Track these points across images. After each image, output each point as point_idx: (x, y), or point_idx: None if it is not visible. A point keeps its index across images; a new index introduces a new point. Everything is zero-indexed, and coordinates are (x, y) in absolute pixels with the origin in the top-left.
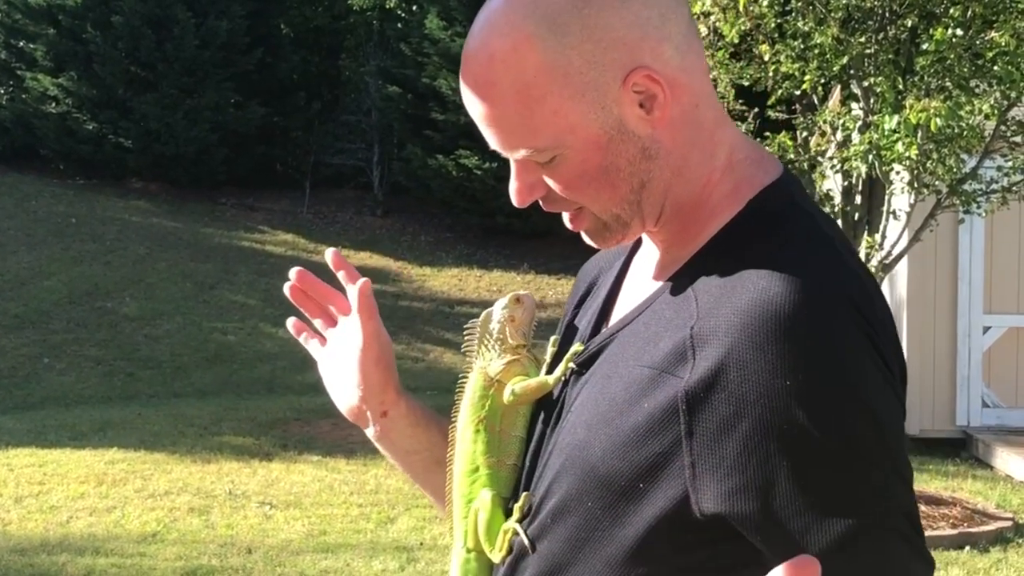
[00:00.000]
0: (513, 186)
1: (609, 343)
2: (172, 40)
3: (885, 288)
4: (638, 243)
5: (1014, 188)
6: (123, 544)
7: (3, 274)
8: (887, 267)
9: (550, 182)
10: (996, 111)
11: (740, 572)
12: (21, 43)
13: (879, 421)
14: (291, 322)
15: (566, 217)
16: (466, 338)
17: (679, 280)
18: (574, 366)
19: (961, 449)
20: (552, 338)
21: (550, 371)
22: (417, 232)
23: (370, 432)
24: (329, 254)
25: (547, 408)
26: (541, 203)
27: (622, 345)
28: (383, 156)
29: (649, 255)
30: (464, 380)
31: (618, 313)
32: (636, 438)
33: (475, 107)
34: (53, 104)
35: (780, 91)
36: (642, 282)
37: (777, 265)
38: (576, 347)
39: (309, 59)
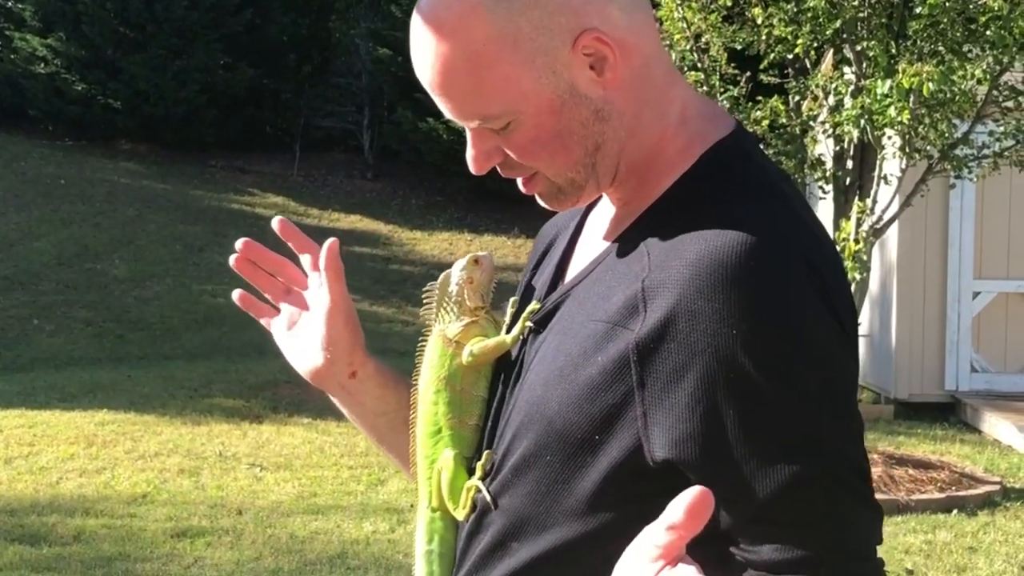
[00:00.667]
0: (470, 154)
1: (564, 300)
2: (161, 1)
3: (875, 253)
4: (594, 202)
5: (1005, 153)
6: (113, 505)
7: None
8: (878, 232)
9: (506, 148)
10: (988, 76)
11: None
12: (9, 3)
13: (826, 371)
14: (236, 295)
15: (520, 182)
16: (425, 300)
17: (632, 235)
18: (531, 324)
19: (950, 413)
20: (511, 299)
21: (508, 331)
22: (408, 195)
23: (336, 396)
24: (275, 223)
25: (507, 367)
26: (499, 169)
27: (577, 301)
28: (373, 119)
29: (604, 212)
30: (424, 342)
31: (573, 270)
32: (590, 391)
33: (426, 77)
34: (42, 65)
35: (772, 55)
36: (597, 239)
37: (728, 218)
38: (533, 305)
39: (299, 21)
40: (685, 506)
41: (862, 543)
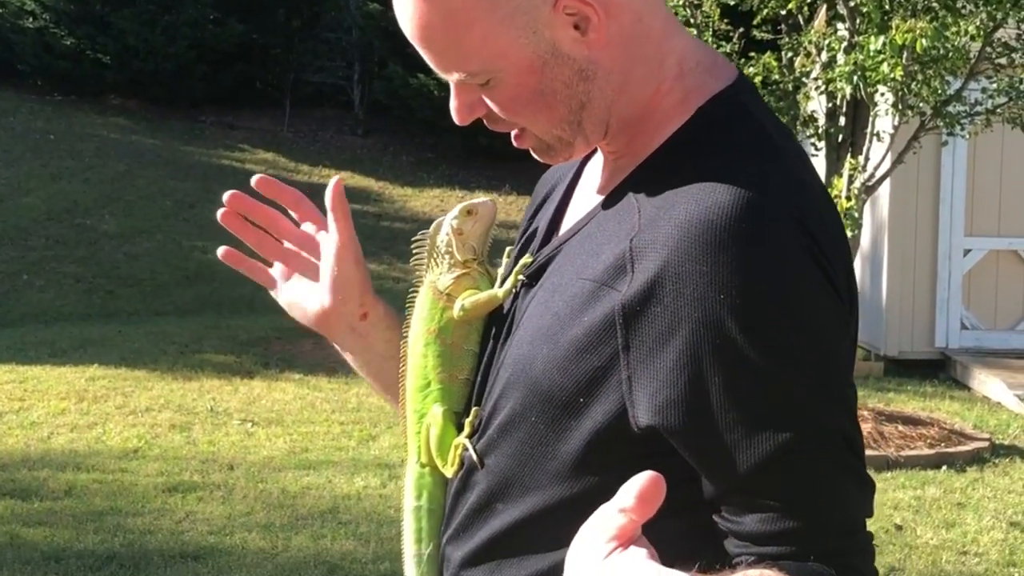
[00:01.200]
0: (453, 104)
1: (556, 254)
2: None
3: (867, 210)
4: (591, 154)
5: (998, 110)
6: (104, 460)
7: None
8: (870, 189)
9: (489, 103)
10: (982, 32)
11: (679, 488)
12: None
13: (816, 338)
14: (222, 252)
15: (512, 135)
16: (415, 251)
17: (623, 191)
18: (524, 278)
19: (939, 370)
20: (507, 249)
21: (502, 284)
22: (398, 152)
23: (344, 341)
24: (254, 180)
25: (498, 321)
26: (484, 122)
27: (567, 257)
28: (364, 74)
29: (599, 165)
30: (414, 294)
31: (567, 222)
32: (575, 352)
33: (407, 30)
34: (30, 19)
35: (766, 10)
36: (591, 192)
37: (720, 176)
38: (525, 259)
39: None
40: (636, 491)
41: (848, 516)
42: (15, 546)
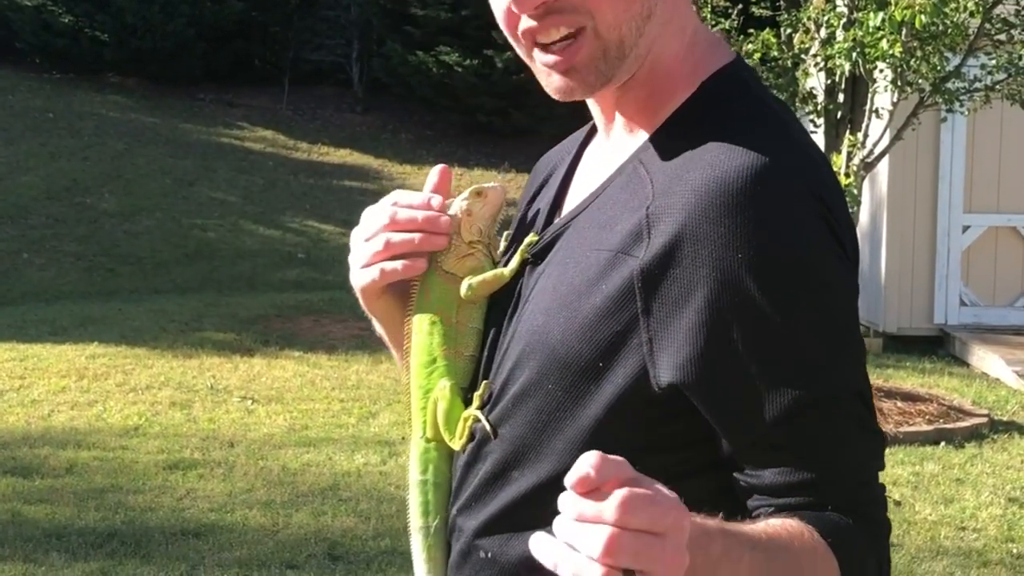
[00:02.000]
0: None
1: (564, 231)
2: None
3: (866, 187)
4: (589, 136)
5: (997, 87)
6: (105, 437)
7: None
8: (868, 166)
9: None
10: (981, 8)
11: (698, 447)
12: None
13: (830, 296)
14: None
15: (547, 60)
16: None
17: (634, 164)
18: (529, 256)
19: (938, 347)
20: (505, 232)
21: (506, 264)
22: (398, 130)
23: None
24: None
25: (503, 299)
26: (540, 20)
27: (578, 231)
28: (363, 52)
29: (600, 146)
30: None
31: (571, 202)
32: (595, 319)
33: None
34: None
35: None
36: (595, 171)
37: (731, 145)
38: (530, 238)
39: None
40: (574, 479)
41: (864, 467)
42: (16, 523)
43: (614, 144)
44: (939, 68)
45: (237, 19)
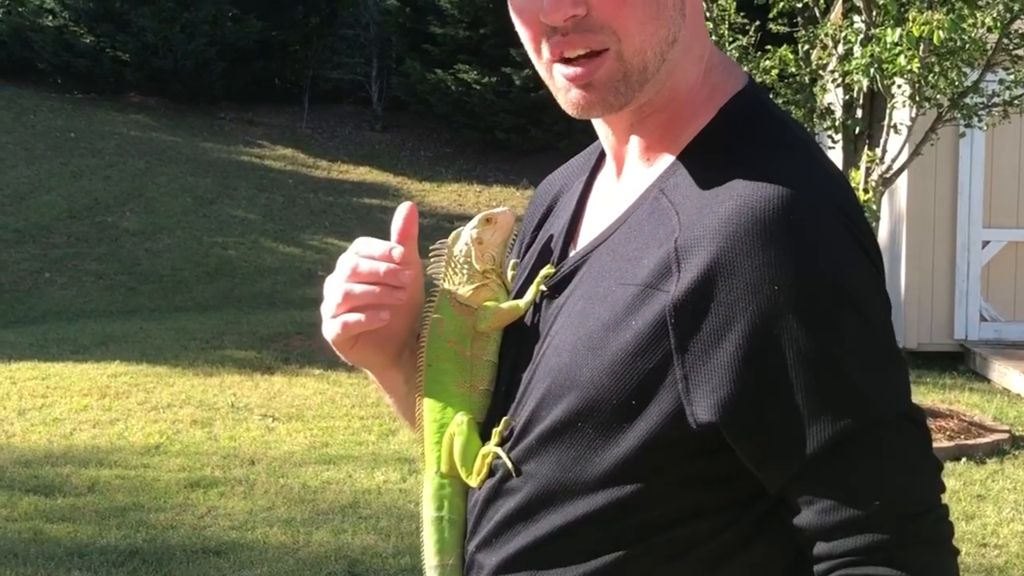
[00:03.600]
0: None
1: (583, 264)
2: None
3: (885, 203)
4: (598, 164)
5: (1015, 102)
6: (127, 456)
7: (3, 189)
8: (887, 181)
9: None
10: (999, 24)
11: (733, 483)
12: None
13: (870, 319)
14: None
15: (566, 72)
16: (432, 258)
17: (655, 194)
18: (545, 289)
19: (959, 362)
20: (511, 261)
21: (519, 295)
22: (416, 147)
23: (398, 364)
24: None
25: (520, 332)
26: (566, 36)
27: (599, 264)
28: (382, 70)
29: (611, 176)
30: (432, 302)
31: (586, 233)
32: (626, 357)
33: None
34: (50, 17)
35: (782, 3)
36: (610, 199)
37: (757, 172)
38: (547, 270)
39: None
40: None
41: (922, 493)
42: (39, 542)
43: (630, 172)
44: (957, 83)
45: (257, 38)
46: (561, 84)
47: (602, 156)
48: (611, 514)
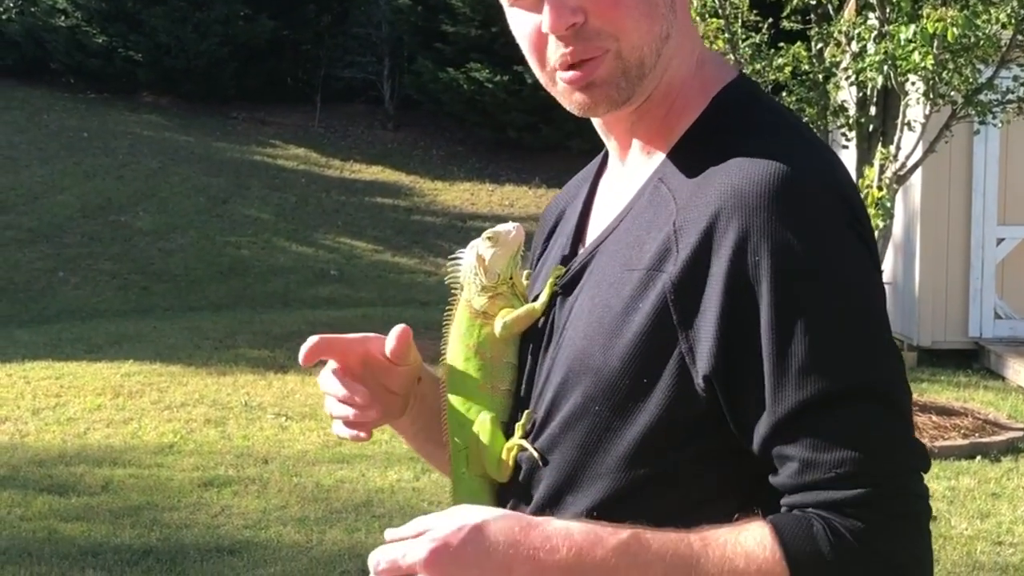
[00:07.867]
0: (550, 10)
1: (591, 259)
2: None
3: (899, 200)
4: (601, 168)
5: None
6: (140, 455)
7: (16, 188)
8: (901, 178)
9: (596, 5)
10: (1013, 20)
11: (748, 456)
12: None
13: (856, 292)
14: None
15: (567, 76)
16: (450, 271)
17: (654, 182)
18: (559, 289)
19: (973, 360)
20: (525, 271)
21: (534, 300)
22: (429, 146)
23: (404, 421)
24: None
25: (536, 332)
26: (566, 43)
27: (606, 256)
28: (394, 69)
29: (616, 172)
30: (450, 311)
31: (593, 231)
32: (635, 339)
33: None
34: (62, 17)
35: (795, 1)
36: (614, 196)
37: (750, 152)
38: (558, 269)
39: None
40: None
41: (882, 465)
42: (53, 541)
43: (631, 168)
44: (971, 80)
45: (269, 38)
46: (564, 89)
47: (604, 162)
48: (637, 492)
